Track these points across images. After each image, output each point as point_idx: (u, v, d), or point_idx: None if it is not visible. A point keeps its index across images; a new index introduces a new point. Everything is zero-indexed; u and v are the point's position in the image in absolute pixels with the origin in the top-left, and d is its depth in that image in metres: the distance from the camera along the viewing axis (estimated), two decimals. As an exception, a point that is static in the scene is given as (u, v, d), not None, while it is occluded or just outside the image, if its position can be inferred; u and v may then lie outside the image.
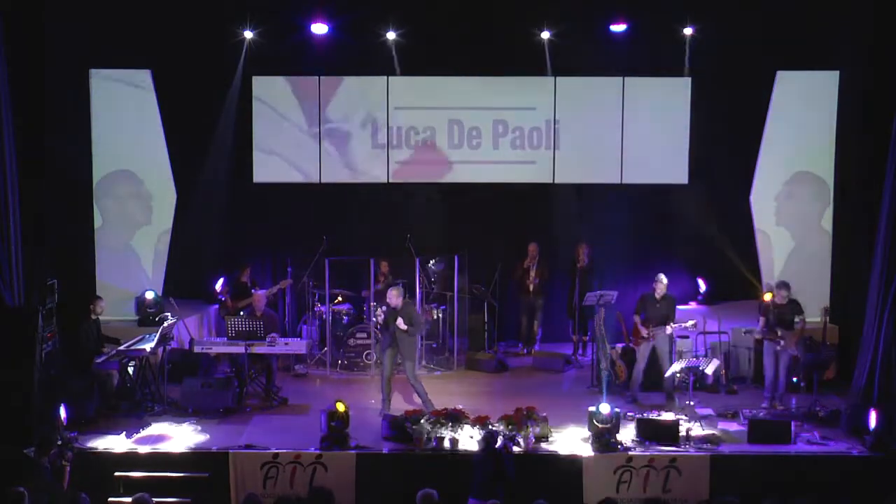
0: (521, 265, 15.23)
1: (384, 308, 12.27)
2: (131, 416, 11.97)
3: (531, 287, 15.20)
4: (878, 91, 12.83)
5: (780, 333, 12.34)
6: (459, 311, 14.62)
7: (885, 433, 10.95)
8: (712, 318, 13.88)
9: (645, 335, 12.76)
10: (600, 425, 10.88)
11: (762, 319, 12.53)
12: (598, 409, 10.98)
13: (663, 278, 12.95)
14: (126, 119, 14.88)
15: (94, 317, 12.66)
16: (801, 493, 10.17)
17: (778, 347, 12.36)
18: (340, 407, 10.96)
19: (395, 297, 12.15)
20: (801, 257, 14.79)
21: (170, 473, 10.69)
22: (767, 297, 13.06)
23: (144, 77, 14.82)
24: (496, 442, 10.43)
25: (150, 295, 14.41)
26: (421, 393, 12.17)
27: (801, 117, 14.75)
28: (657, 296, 12.87)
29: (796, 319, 12.43)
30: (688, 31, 14.54)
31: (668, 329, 12.74)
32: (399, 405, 12.31)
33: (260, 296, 13.28)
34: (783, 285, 12.58)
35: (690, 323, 12.95)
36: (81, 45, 13.92)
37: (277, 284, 14.86)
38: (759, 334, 12.70)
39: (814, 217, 14.80)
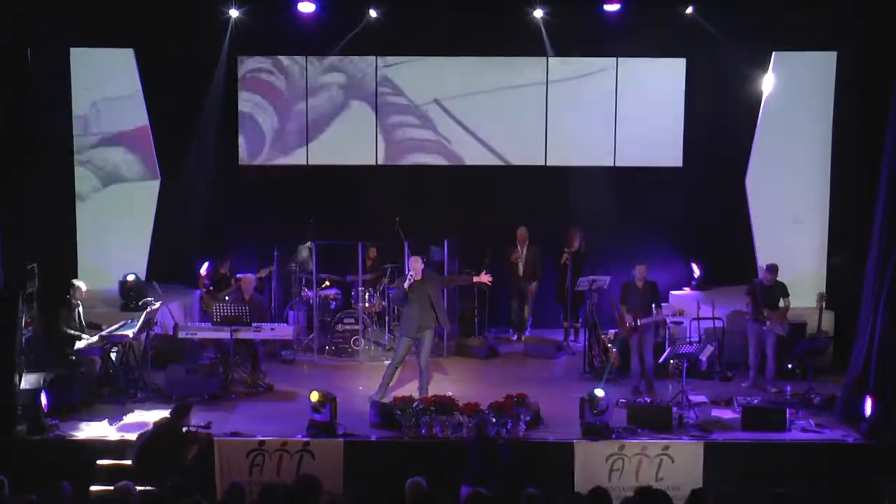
0: (511, 250, 15.25)
1: (410, 277, 12.10)
2: (114, 403, 11.98)
3: (520, 271, 15.23)
4: (876, 72, 12.84)
5: (766, 314, 12.56)
6: (449, 297, 14.61)
7: (881, 420, 11.02)
8: (706, 303, 13.91)
9: (629, 324, 12.79)
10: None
11: (748, 299, 12.80)
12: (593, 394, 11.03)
13: (643, 266, 13.00)
14: (108, 99, 14.82)
15: (74, 302, 12.65)
16: (795, 481, 10.22)
17: (765, 327, 12.63)
18: (314, 397, 10.97)
19: (417, 260, 12.14)
20: (798, 241, 14.81)
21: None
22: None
23: (127, 57, 14.78)
24: (488, 429, 10.46)
25: (130, 278, 14.37)
26: (427, 379, 12.21)
27: (798, 99, 14.75)
28: (638, 283, 12.91)
29: (781, 303, 12.69)
30: (683, 10, 14.54)
31: (656, 318, 12.81)
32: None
33: (250, 279, 13.26)
34: (771, 268, 12.86)
35: (679, 312, 13.04)
36: (62, 23, 13.83)
37: (259, 271, 14.74)
38: (747, 315, 12.92)
39: (811, 200, 14.80)
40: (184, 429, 10.13)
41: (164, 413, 11.54)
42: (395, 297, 12.46)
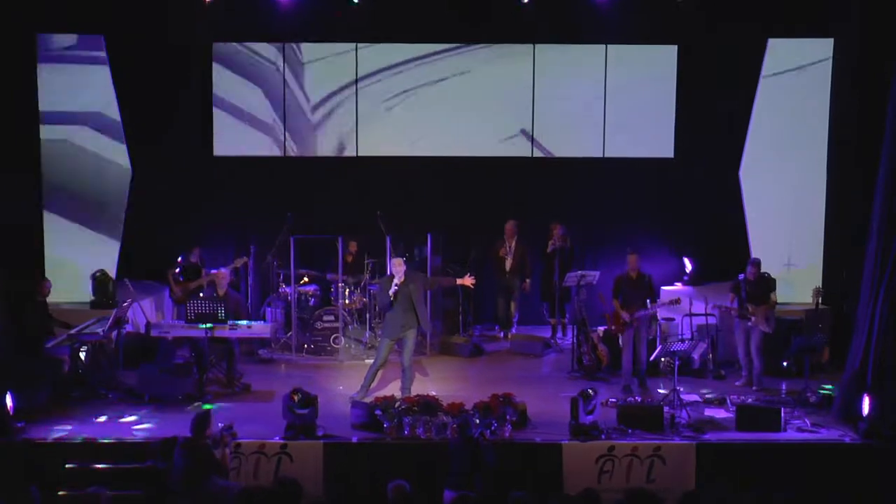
0: (499, 244, 15.22)
1: (396, 283, 12.07)
2: (84, 403, 11.89)
3: (508, 267, 15.20)
4: (873, 60, 12.87)
5: (750, 310, 12.63)
6: (433, 293, 14.57)
7: (879, 419, 11.02)
8: (699, 299, 13.91)
9: (627, 320, 12.78)
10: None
11: (731, 296, 12.85)
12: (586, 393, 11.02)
13: (634, 255, 12.98)
14: (77, 87, 14.73)
15: (40, 299, 12.54)
16: (791, 483, 10.24)
17: (749, 324, 12.65)
18: (296, 397, 10.92)
19: (398, 263, 12.11)
20: (793, 235, 14.84)
21: (125, 465, 10.59)
22: None
23: (96, 43, 14.67)
24: (472, 430, 10.44)
25: (99, 274, 14.26)
26: (410, 379, 12.22)
27: (794, 88, 14.78)
28: (632, 274, 12.91)
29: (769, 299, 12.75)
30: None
31: (650, 311, 12.80)
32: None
33: (224, 274, 13.16)
34: (754, 262, 12.89)
35: (673, 300, 13.02)
36: (26, 6, 13.72)
37: (232, 262, 14.58)
38: (732, 311, 12.97)
39: (806, 192, 14.84)
40: (208, 440, 9.86)
41: (136, 414, 11.56)
42: (382, 305, 12.43)
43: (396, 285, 12.06)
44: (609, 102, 15.59)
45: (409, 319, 12.15)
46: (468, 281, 12.58)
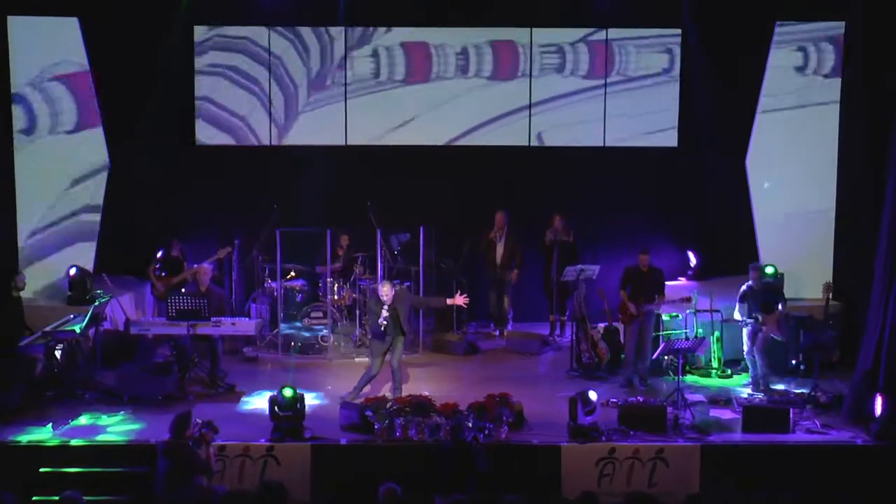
0: (488, 236, 15.16)
1: (386, 311, 12.05)
2: (60, 404, 11.83)
3: (498, 260, 15.14)
4: (887, 44, 12.83)
5: (761, 319, 12.59)
6: (426, 288, 14.53)
7: (891, 420, 11.00)
8: (704, 294, 13.88)
9: (634, 312, 12.74)
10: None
11: (738, 305, 12.82)
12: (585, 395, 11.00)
13: (647, 251, 12.99)
14: (51, 75, 14.64)
15: (14, 294, 12.48)
16: (799, 487, 10.22)
17: (761, 333, 12.62)
18: (288, 393, 10.87)
19: (387, 292, 12.08)
20: (802, 227, 14.80)
21: (103, 468, 10.57)
22: None
23: (71, 26, 14.58)
24: (464, 433, 10.40)
25: (72, 271, 14.17)
26: (401, 379, 12.25)
27: (803, 73, 14.72)
28: (643, 268, 12.87)
29: (779, 307, 12.70)
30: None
31: (659, 306, 12.77)
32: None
33: (206, 269, 13.12)
34: (756, 267, 12.96)
35: (685, 299, 12.99)
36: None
37: (215, 254, 14.42)
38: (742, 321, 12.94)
39: (816, 182, 14.79)
40: (189, 441, 9.82)
41: (116, 417, 11.52)
42: (374, 333, 12.37)
43: (386, 313, 12.04)
44: (610, 89, 15.53)
45: (398, 331, 12.21)
46: (460, 300, 12.52)
